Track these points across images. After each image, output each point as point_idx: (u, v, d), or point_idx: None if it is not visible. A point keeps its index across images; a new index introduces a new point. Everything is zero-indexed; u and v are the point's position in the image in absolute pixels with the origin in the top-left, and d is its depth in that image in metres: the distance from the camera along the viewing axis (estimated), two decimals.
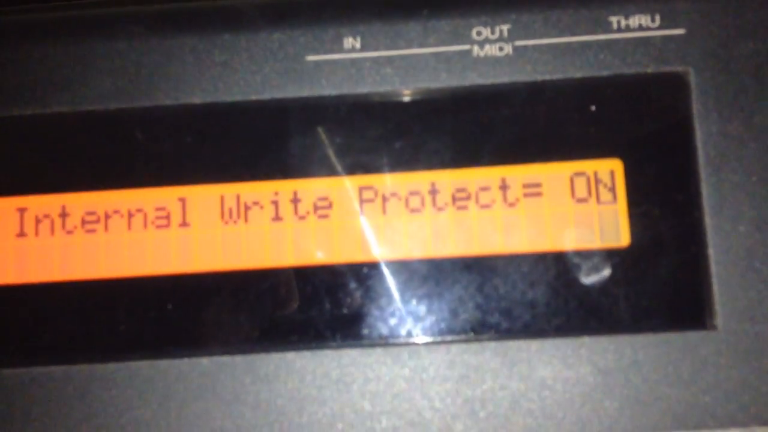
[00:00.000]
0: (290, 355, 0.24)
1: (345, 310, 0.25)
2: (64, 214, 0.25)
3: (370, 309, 0.25)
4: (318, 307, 0.25)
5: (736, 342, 0.23)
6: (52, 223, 0.25)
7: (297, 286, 0.25)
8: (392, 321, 0.25)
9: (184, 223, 0.25)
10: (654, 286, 0.24)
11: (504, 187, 0.25)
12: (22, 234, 0.25)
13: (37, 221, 0.26)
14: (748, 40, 0.25)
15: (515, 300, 0.24)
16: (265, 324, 0.25)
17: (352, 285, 0.25)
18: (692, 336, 0.23)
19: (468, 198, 0.25)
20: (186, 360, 0.24)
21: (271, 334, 0.25)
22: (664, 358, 0.23)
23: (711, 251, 0.24)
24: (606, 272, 0.24)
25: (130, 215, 0.26)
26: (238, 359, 0.24)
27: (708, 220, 0.24)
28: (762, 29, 0.25)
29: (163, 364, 0.24)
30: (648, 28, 0.25)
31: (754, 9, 0.25)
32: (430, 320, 0.24)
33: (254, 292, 0.25)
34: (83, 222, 0.25)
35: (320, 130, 0.26)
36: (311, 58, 0.26)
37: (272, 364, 0.24)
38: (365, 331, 0.24)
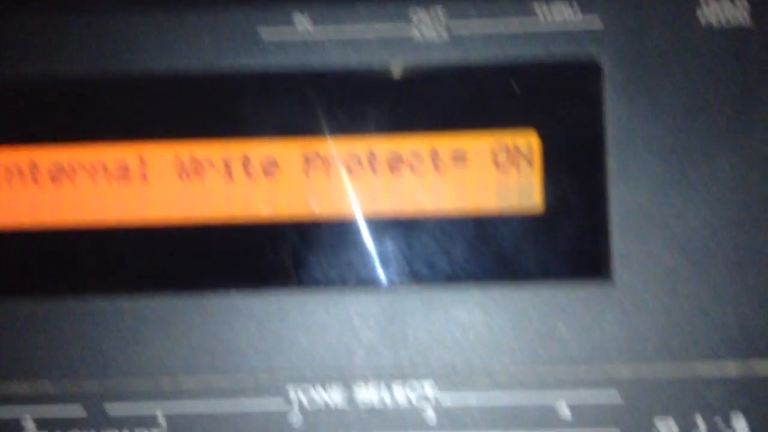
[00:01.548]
0: (236, 298, 0.27)
1: (286, 260, 0.27)
2: (32, 166, 0.28)
3: (310, 259, 0.27)
4: (263, 256, 0.27)
5: (629, 294, 0.27)
6: (22, 174, 0.28)
7: (246, 237, 0.28)
8: (329, 270, 0.27)
9: (143, 178, 0.28)
10: (561, 245, 0.27)
11: (434, 154, 0.28)
12: None
13: (8, 172, 0.28)
14: (660, 32, 0.28)
15: (438, 254, 0.27)
16: (215, 269, 0.27)
17: (295, 238, 0.28)
18: (591, 287, 0.27)
19: (401, 163, 0.28)
20: (142, 299, 0.27)
21: (219, 279, 0.27)
22: (566, 305, 0.27)
23: (611, 215, 0.27)
24: (520, 232, 0.27)
25: (93, 169, 0.28)
26: (190, 300, 0.27)
27: (611, 188, 0.27)
28: (672, 21, 0.28)
29: (121, 302, 0.27)
30: (568, 17, 0.28)
31: (665, 1, 0.29)
32: (363, 269, 0.27)
33: (206, 241, 0.28)
34: (50, 174, 0.28)
35: (270, 97, 0.28)
36: (263, 31, 0.28)
37: (219, 304, 0.27)
38: (305, 278, 0.27)
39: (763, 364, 0.26)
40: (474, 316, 0.27)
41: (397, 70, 0.28)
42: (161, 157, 0.28)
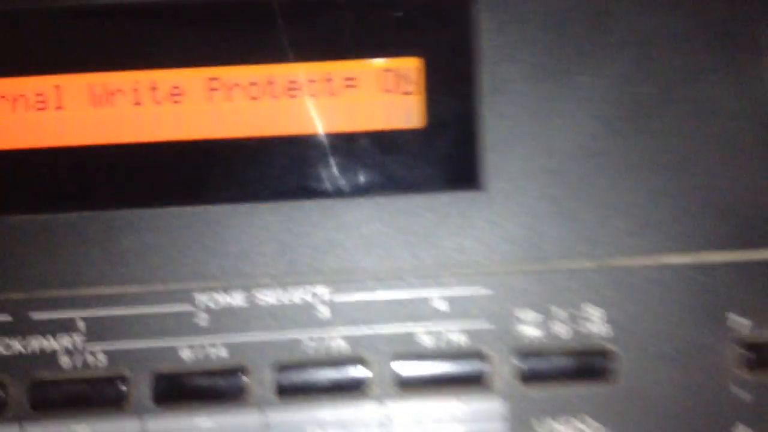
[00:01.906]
0: (147, 213, 0.30)
1: (193, 176, 0.30)
2: None
3: (214, 176, 0.30)
4: (170, 173, 0.30)
5: (499, 201, 0.30)
6: None
7: (156, 157, 0.30)
8: (232, 186, 0.30)
9: (59, 107, 0.31)
10: (439, 157, 0.30)
11: (328, 79, 0.31)
12: None
13: None
14: None
15: (333, 168, 0.30)
16: (128, 187, 0.30)
17: (203, 157, 0.30)
18: (465, 195, 0.30)
19: (299, 88, 0.31)
20: (61, 216, 0.30)
21: (134, 196, 0.30)
22: (444, 212, 0.30)
23: (484, 129, 0.30)
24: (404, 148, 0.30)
25: (14, 99, 0.31)
26: (106, 216, 0.30)
27: (484, 105, 0.30)
28: None
29: (43, 219, 0.30)
30: None
31: None
32: (262, 185, 0.30)
33: (118, 162, 0.30)
34: None
35: (175, 27, 0.31)
36: None
37: (132, 220, 0.30)
38: (209, 193, 0.30)
39: (617, 260, 0.30)
40: (362, 224, 0.30)
41: (295, 3, 0.31)
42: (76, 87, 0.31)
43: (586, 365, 0.29)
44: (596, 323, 0.30)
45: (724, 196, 0.30)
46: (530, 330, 0.30)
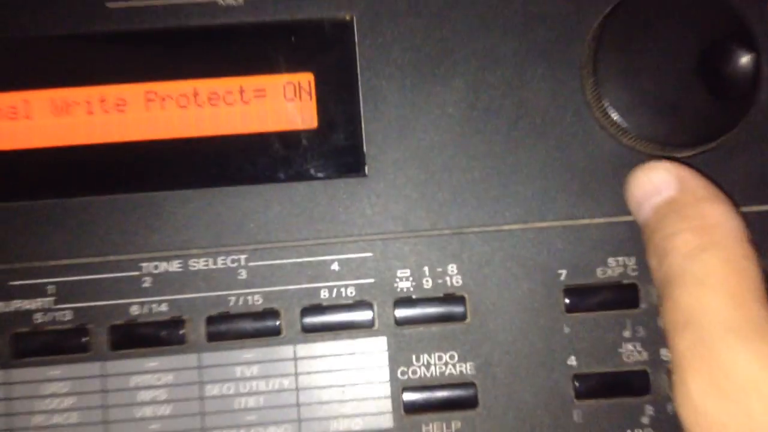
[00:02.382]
0: (104, 200, 0.38)
1: (138, 169, 0.38)
2: None
3: (158, 169, 0.38)
4: (120, 168, 0.38)
5: (378, 184, 0.38)
6: None
7: (108, 155, 0.38)
8: (170, 176, 0.38)
9: (28, 117, 0.38)
10: (330, 151, 0.38)
11: (241, 91, 0.39)
12: None
13: None
14: None
15: (248, 161, 0.38)
16: (86, 179, 0.38)
17: (145, 154, 0.38)
18: (351, 181, 0.38)
19: (218, 99, 0.39)
20: (35, 204, 0.38)
21: (89, 185, 0.38)
22: (333, 197, 0.38)
23: (364, 127, 0.38)
24: (302, 144, 0.39)
25: None
26: (70, 204, 0.38)
27: (363, 108, 0.38)
28: None
29: (25, 204, 0.38)
30: None
31: None
32: (195, 175, 0.38)
33: (80, 159, 0.38)
34: None
35: (119, 53, 0.38)
36: (110, 5, 0.38)
37: (83, 205, 0.38)
38: (152, 183, 0.38)
39: (470, 229, 0.38)
40: (273, 205, 0.38)
41: (213, 28, 0.39)
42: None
43: (446, 309, 0.38)
44: (454, 277, 0.38)
45: (549, 179, 0.38)
46: (404, 284, 0.38)
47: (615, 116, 0.37)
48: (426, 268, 0.38)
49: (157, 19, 0.38)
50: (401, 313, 0.38)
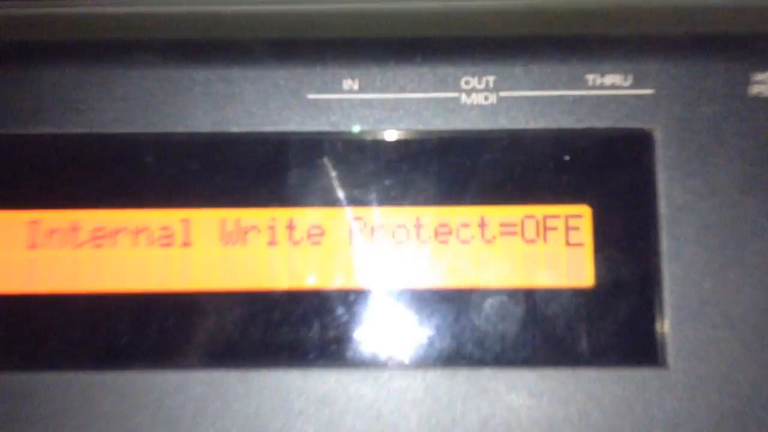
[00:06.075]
0: (280, 373, 0.26)
1: (331, 333, 0.27)
2: (74, 229, 0.27)
3: (355, 333, 0.27)
4: (306, 329, 0.27)
5: (684, 380, 0.26)
6: (63, 236, 0.27)
7: (289, 309, 0.27)
8: (375, 346, 0.27)
9: (186, 243, 0.28)
10: (613, 325, 0.26)
11: (482, 225, 0.27)
12: (33, 246, 0.27)
13: (49, 234, 0.27)
14: (711, 103, 0.28)
15: (487, 332, 0.27)
16: (257, 343, 0.27)
17: (339, 310, 0.27)
18: (645, 372, 0.26)
19: (449, 233, 0.27)
20: (182, 373, 0.26)
21: (262, 353, 0.27)
22: (618, 391, 0.26)
23: (666, 295, 0.26)
24: (571, 312, 0.27)
25: (137, 233, 0.28)
26: (232, 374, 0.26)
27: (665, 267, 0.26)
28: (724, 92, 0.28)
29: (161, 376, 0.26)
30: (620, 87, 0.28)
31: (717, 73, 0.28)
32: (409, 347, 0.27)
33: (249, 312, 0.27)
34: (92, 237, 0.27)
35: (317, 163, 0.28)
36: (312, 96, 0.28)
37: (262, 380, 0.26)
38: (349, 354, 0.27)
39: None
40: (523, 399, 0.26)
41: (446, 137, 0.28)
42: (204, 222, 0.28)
43: None
44: None
45: None
46: None
47: None
48: None
49: (374, 120, 0.28)
50: None
